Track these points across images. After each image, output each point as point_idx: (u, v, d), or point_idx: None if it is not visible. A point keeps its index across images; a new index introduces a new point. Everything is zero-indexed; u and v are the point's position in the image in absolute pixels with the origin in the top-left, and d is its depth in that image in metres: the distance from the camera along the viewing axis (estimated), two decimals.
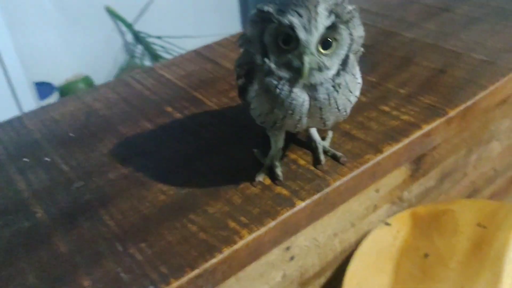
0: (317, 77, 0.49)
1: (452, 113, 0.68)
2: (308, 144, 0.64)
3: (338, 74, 0.50)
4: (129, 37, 2.66)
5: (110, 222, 0.56)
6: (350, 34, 0.49)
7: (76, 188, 0.61)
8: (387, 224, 0.87)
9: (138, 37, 2.64)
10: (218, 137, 0.68)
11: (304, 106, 0.51)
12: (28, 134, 0.73)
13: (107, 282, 0.48)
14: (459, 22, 0.93)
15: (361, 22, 0.50)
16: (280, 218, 0.54)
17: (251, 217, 0.54)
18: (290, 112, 0.51)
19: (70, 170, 0.64)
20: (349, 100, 0.53)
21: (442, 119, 0.67)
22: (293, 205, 0.55)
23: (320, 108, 0.51)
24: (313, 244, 0.69)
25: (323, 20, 0.46)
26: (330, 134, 0.65)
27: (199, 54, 0.91)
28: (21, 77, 2.08)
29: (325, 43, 0.48)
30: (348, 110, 0.54)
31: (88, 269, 0.50)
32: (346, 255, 0.71)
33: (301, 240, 0.68)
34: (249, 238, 0.52)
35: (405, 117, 0.67)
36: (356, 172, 0.59)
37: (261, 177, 0.59)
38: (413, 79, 0.76)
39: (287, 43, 0.48)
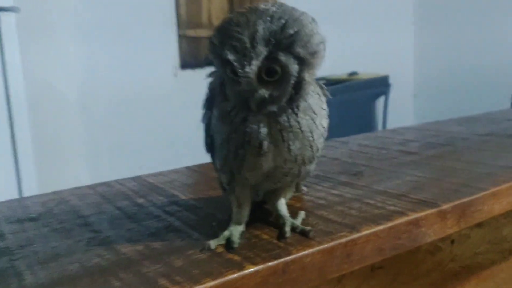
0: (270, 107, 0.47)
1: (445, 206, 0.59)
2: (276, 222, 0.56)
3: (291, 99, 0.47)
4: None
5: (28, 276, 0.47)
6: (296, 57, 0.46)
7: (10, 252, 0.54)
8: None
9: None
10: (180, 221, 0.61)
11: (261, 133, 0.47)
12: None
13: None
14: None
15: (316, 31, 0.47)
16: (222, 280, 0.44)
17: (189, 276, 0.45)
18: (246, 139, 0.47)
19: (13, 238, 0.58)
20: (314, 122, 0.48)
21: (434, 210, 0.58)
22: (241, 268, 0.46)
23: (280, 131, 0.47)
24: None
25: (259, 53, 0.45)
26: (301, 214, 0.57)
27: (189, 168, 0.89)
28: None
29: (269, 71, 0.46)
30: (315, 136, 0.49)
31: None
32: None
33: None
34: None
35: (390, 207, 0.60)
36: (325, 246, 0.50)
37: (213, 245, 0.51)
38: (405, 184, 0.69)
39: (235, 74, 0.46)
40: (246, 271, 0.45)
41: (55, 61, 2.39)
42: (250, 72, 0.45)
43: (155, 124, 2.77)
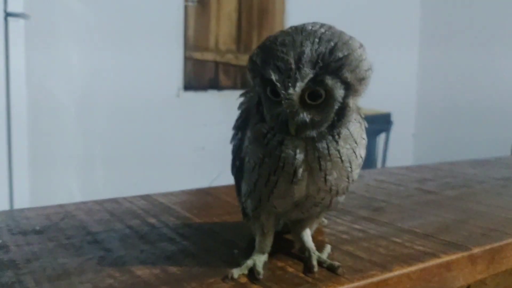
0: (309, 132, 0.44)
1: (476, 250, 0.57)
2: (301, 254, 0.53)
3: (332, 125, 0.44)
4: None
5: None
6: (343, 82, 0.43)
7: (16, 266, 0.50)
8: None
9: None
10: (196, 245, 0.57)
11: (297, 159, 0.44)
12: None
13: None
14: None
15: (365, 57, 0.44)
16: None
17: None
18: (281, 164, 0.44)
19: (18, 251, 0.55)
20: (354, 152, 0.46)
21: (465, 254, 0.56)
22: None
23: (319, 158, 0.44)
24: None
25: (305, 75, 0.42)
26: (327, 248, 0.54)
27: (200, 190, 0.86)
28: None
29: (313, 94, 0.43)
30: (354, 167, 0.46)
31: None
32: None
33: None
34: None
35: (419, 247, 0.57)
36: (356, 284, 0.47)
37: (236, 274, 0.47)
38: (430, 224, 0.67)
39: (276, 95, 0.44)
40: None
41: (59, 71, 2.36)
42: (293, 94, 0.43)
43: (152, 142, 2.73)
